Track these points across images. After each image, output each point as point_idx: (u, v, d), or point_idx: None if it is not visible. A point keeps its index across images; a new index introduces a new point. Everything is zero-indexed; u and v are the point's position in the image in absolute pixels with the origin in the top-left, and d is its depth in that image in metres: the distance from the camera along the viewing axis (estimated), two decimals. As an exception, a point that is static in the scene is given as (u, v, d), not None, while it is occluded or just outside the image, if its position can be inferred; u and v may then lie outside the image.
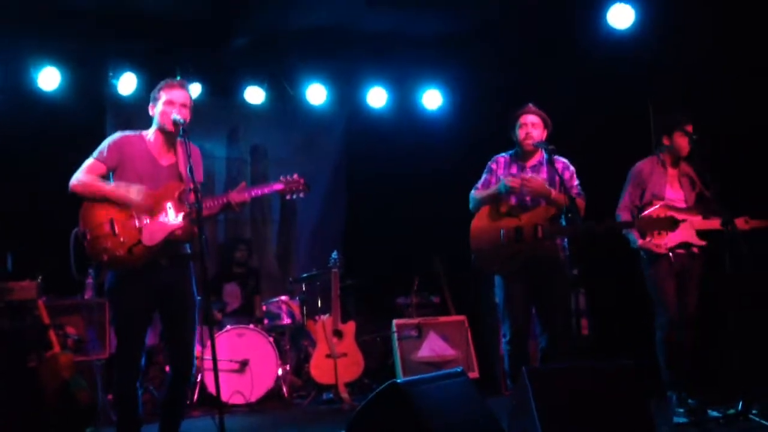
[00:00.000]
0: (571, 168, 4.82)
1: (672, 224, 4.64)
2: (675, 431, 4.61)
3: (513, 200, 4.74)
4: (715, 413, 4.64)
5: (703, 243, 4.95)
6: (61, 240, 4.07)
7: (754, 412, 4.42)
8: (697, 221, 4.95)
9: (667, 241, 4.91)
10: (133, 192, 3.84)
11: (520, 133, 4.79)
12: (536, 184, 4.62)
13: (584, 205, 4.70)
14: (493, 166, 4.92)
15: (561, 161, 4.80)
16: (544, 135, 4.82)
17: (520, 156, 4.87)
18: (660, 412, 4.76)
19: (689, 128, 4.97)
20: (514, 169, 4.83)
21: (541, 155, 4.80)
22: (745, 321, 4.78)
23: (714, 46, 5.75)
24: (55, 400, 5.09)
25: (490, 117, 7.34)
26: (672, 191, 5.09)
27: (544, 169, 4.77)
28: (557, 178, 4.57)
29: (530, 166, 4.82)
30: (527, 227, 4.58)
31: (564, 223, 4.63)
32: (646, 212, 4.96)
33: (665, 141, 5.12)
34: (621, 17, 6.20)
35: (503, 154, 4.94)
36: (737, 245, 4.46)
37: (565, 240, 4.79)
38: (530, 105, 4.86)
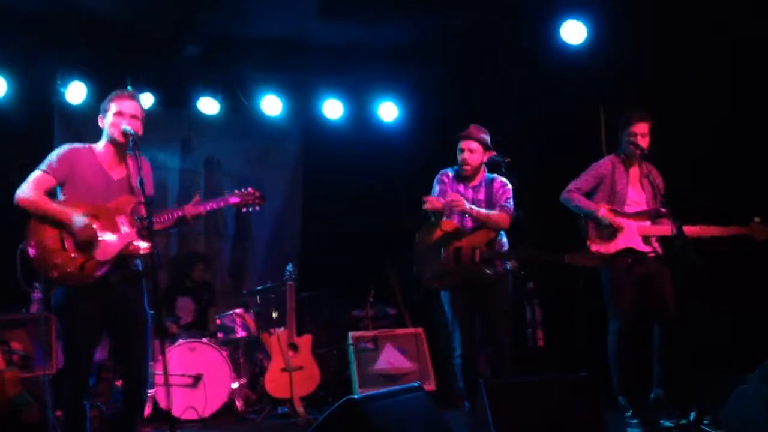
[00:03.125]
0: (508, 187, 5.00)
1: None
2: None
3: (455, 221, 4.92)
4: (667, 423, 4.70)
5: (647, 249, 4.91)
6: (5, 252, 3.95)
7: (705, 422, 4.48)
8: (644, 227, 4.94)
9: (609, 248, 4.90)
10: (76, 221, 3.73)
11: (460, 158, 5.01)
12: (459, 205, 4.78)
13: (508, 219, 4.87)
14: (445, 179, 5.09)
15: (499, 181, 5.02)
16: (485, 157, 5.00)
17: (462, 176, 5.06)
18: (613, 423, 4.81)
19: (639, 128, 4.95)
20: (461, 188, 5.03)
21: (482, 175, 5.03)
22: (697, 329, 4.85)
23: (664, 59, 5.89)
24: (1, 418, 4.92)
25: (445, 129, 7.38)
26: (634, 192, 5.05)
27: (483, 189, 4.98)
28: (498, 196, 4.90)
29: (472, 186, 5.04)
30: (465, 249, 4.78)
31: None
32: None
33: (622, 139, 5.06)
34: (573, 33, 6.29)
35: (448, 170, 5.13)
36: (687, 253, 4.48)
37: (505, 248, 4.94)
38: (471, 128, 5.01)
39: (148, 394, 5.97)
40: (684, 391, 4.78)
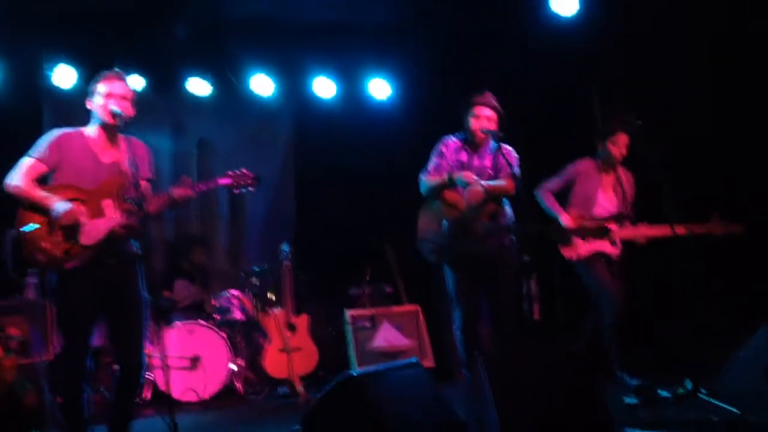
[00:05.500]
0: (515, 155, 4.82)
1: (603, 232, 4.98)
2: (626, 412, 4.67)
3: (459, 192, 4.73)
4: (665, 393, 4.73)
5: (615, 251, 5.11)
6: (-1, 239, 3.95)
7: (702, 391, 4.50)
8: (614, 231, 5.12)
9: (580, 251, 5.08)
10: (55, 207, 3.72)
11: (474, 123, 4.76)
12: (476, 197, 4.61)
13: (514, 187, 4.63)
14: (443, 149, 4.89)
15: (506, 147, 4.81)
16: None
17: (470, 143, 4.85)
18: (610, 394, 4.84)
19: (623, 139, 5.13)
20: (463, 155, 4.82)
21: (488, 143, 4.80)
22: (692, 303, 4.89)
23: (658, 33, 5.84)
24: (0, 404, 4.92)
25: (438, 105, 7.36)
26: (605, 197, 5.23)
27: (489, 156, 4.79)
28: (503, 162, 4.62)
29: (477, 154, 4.82)
30: (467, 222, 4.63)
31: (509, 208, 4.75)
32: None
33: (599, 147, 5.25)
34: (565, 4, 6.22)
35: (452, 137, 4.92)
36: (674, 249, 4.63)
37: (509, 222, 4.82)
38: (488, 95, 4.80)
39: (146, 377, 6.00)
40: (677, 361, 4.83)
